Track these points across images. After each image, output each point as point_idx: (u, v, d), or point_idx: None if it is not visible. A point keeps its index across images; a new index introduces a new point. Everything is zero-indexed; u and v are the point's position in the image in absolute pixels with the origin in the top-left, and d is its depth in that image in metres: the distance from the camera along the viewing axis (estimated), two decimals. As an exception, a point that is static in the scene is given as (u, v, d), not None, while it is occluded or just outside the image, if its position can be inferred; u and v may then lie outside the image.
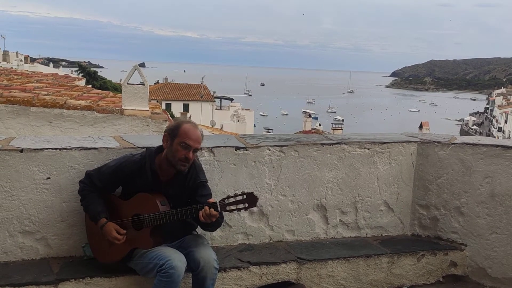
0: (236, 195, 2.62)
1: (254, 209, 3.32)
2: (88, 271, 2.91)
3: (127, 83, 7.70)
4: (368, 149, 3.62)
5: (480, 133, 75.23)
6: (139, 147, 3.14)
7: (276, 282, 3.20)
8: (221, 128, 36.05)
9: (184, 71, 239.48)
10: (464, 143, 3.52)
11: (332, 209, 3.60)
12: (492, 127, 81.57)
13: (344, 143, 3.57)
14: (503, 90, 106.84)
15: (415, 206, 3.75)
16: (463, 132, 74.81)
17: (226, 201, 2.63)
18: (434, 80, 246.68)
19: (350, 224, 3.67)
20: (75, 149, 3.05)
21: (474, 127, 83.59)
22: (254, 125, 49.26)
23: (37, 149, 2.98)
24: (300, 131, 28.84)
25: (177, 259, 2.62)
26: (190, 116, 34.03)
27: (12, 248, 3.00)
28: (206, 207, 2.62)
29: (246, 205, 2.61)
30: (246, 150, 3.37)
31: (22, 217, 2.99)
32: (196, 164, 2.88)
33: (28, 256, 3.04)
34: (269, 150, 3.42)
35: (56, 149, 3.01)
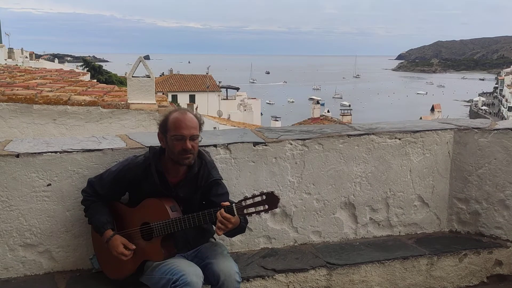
0: (254, 196, 2.28)
1: (277, 209, 3.01)
2: (98, 285, 2.64)
3: (132, 76, 7.40)
4: (399, 139, 3.28)
5: (490, 113, 74.26)
6: (147, 146, 2.83)
7: (305, 290, 2.90)
8: (229, 117, 35.73)
9: (189, 62, 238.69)
10: (508, 128, 3.16)
11: (361, 206, 3.28)
12: (502, 106, 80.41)
13: (373, 134, 3.23)
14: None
15: (453, 199, 3.41)
16: (472, 113, 73.88)
17: (243, 203, 2.29)
18: (441, 62, 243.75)
19: (381, 222, 3.34)
20: (77, 151, 2.74)
21: (484, 107, 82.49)
22: (261, 113, 48.84)
23: (35, 153, 2.67)
24: (308, 118, 28.39)
25: (192, 273, 2.31)
26: (197, 107, 33.68)
27: (13, 263, 2.71)
28: (221, 211, 2.30)
29: (266, 206, 2.26)
30: (266, 145, 3.05)
31: (22, 229, 2.70)
32: (207, 160, 2.56)
33: (31, 271, 2.76)
34: (291, 144, 3.09)
35: (56, 152, 2.71)
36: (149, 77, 7.53)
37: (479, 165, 3.27)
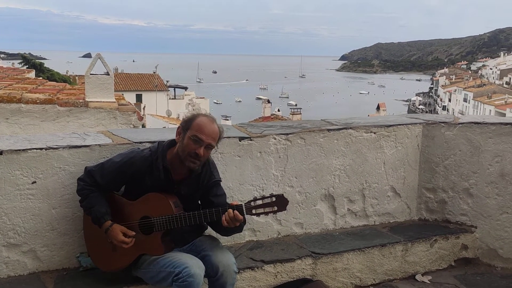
0: (264, 197, 2.37)
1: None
2: (87, 284, 2.60)
3: (90, 74, 7.18)
4: (375, 133, 3.46)
5: (427, 112, 78.57)
6: (135, 142, 2.82)
7: (292, 280, 3.00)
8: (178, 117, 35.22)
9: (134, 61, 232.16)
10: (472, 122, 3.44)
11: (340, 198, 3.43)
12: (437, 106, 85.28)
13: (351, 128, 3.39)
14: (446, 70, 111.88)
15: (422, 189, 3.65)
16: (410, 112, 77.73)
17: (252, 203, 2.37)
18: (381, 63, 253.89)
19: (358, 213, 3.52)
20: (63, 148, 2.67)
21: (421, 106, 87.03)
22: (210, 113, 48.47)
23: (19, 150, 2.58)
24: (259, 117, 28.67)
25: (195, 266, 2.35)
26: (144, 106, 32.86)
27: (-5, 265, 2.61)
28: (230, 210, 2.36)
29: (275, 208, 2.36)
30: (251, 140, 3.12)
31: (5, 229, 2.60)
32: (210, 161, 2.61)
33: (14, 272, 2.66)
34: (275, 139, 3.18)
35: (41, 149, 2.63)
36: (108, 74, 7.36)
37: (445, 156, 3.53)
